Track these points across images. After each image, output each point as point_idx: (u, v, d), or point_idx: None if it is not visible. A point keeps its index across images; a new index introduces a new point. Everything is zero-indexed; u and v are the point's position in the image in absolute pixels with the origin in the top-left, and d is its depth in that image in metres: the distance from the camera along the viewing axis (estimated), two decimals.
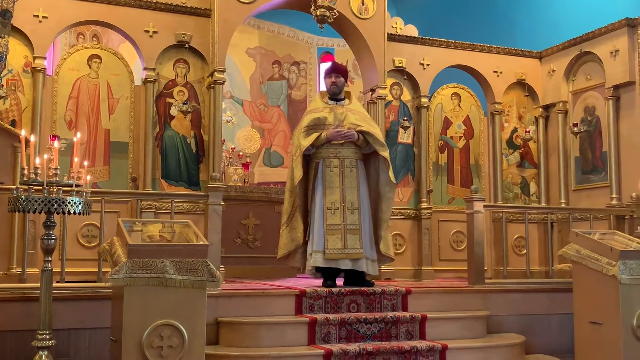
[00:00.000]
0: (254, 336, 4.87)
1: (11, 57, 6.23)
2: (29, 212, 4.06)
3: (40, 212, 4.09)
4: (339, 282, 5.82)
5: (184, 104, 6.71)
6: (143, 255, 3.97)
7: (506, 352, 5.32)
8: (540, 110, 8.18)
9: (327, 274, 5.73)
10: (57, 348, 4.39)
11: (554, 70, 8.01)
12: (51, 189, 4.11)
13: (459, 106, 8.03)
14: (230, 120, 10.50)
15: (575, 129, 7.58)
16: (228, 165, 9.07)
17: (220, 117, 6.82)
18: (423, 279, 7.26)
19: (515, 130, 8.16)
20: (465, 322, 5.49)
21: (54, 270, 4.32)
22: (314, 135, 5.76)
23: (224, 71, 6.81)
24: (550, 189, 8.09)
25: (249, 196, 7.66)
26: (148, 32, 6.74)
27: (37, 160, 4.10)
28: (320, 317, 5.05)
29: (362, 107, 6.41)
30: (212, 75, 6.78)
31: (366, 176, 5.92)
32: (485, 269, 6.26)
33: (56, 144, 4.24)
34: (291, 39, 12.11)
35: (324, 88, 6.19)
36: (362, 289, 5.43)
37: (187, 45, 6.84)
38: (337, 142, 5.80)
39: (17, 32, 6.27)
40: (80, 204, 4.12)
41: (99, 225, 5.43)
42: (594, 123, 7.54)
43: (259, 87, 11.91)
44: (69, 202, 4.07)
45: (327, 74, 6.07)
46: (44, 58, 6.39)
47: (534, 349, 5.87)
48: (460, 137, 7.98)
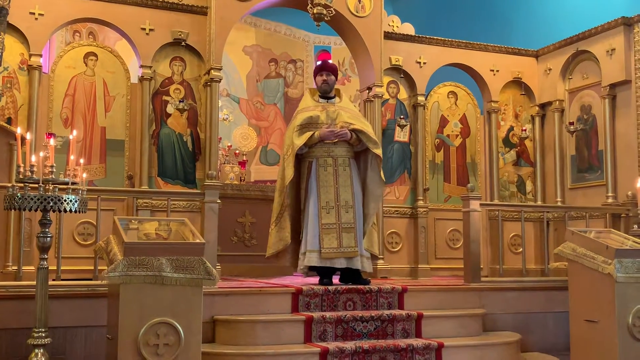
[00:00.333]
0: (250, 334, 4.87)
1: (7, 55, 6.22)
2: (24, 210, 4.05)
3: (36, 210, 4.08)
4: (335, 279, 5.82)
5: (180, 101, 6.71)
6: (139, 253, 3.96)
7: (502, 350, 5.33)
8: (537, 108, 8.19)
9: (324, 273, 5.73)
10: (52, 346, 4.39)
11: (550, 69, 8.02)
12: (47, 187, 4.11)
13: (456, 104, 8.04)
14: (227, 118, 10.49)
15: (572, 127, 7.59)
16: (224, 163, 9.07)
17: (216, 115, 6.82)
18: (419, 277, 7.27)
19: (511, 128, 8.17)
20: (461, 320, 5.50)
21: (49, 268, 4.31)
22: (307, 134, 5.75)
23: (220, 69, 6.80)
24: (546, 188, 8.10)
25: (245, 194, 7.66)
26: (144, 29, 6.73)
27: (33, 158, 4.09)
28: (316, 315, 5.05)
29: (353, 105, 6.41)
30: (208, 73, 6.77)
31: (358, 174, 5.93)
32: (481, 267, 6.27)
33: (52, 141, 4.24)
34: (288, 37, 12.09)
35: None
36: (359, 287, 5.44)
37: (183, 43, 6.83)
38: (330, 141, 5.79)
39: (13, 29, 6.25)
40: (76, 201, 4.11)
41: (95, 223, 5.42)
42: (590, 122, 7.56)
43: (256, 85, 11.89)
44: (65, 200, 4.06)
45: (317, 72, 6.06)
46: (40, 55, 6.37)
47: (530, 347, 5.89)
48: (457, 136, 7.99)
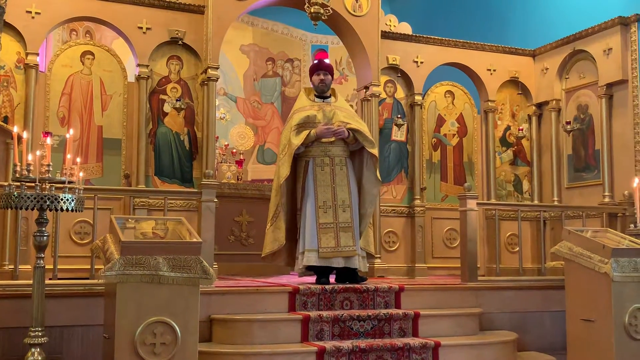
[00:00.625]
0: (247, 333, 4.87)
1: (3, 53, 6.20)
2: (21, 208, 4.05)
3: (32, 209, 4.08)
4: (330, 279, 5.82)
5: (177, 100, 6.70)
6: (136, 252, 3.96)
7: (499, 349, 5.33)
8: (534, 108, 8.20)
9: (321, 272, 5.73)
10: (49, 345, 4.38)
11: (547, 69, 8.02)
12: (44, 186, 4.10)
13: (453, 104, 8.04)
14: (224, 117, 10.48)
15: (568, 127, 7.60)
16: (221, 162, 9.06)
17: (213, 114, 6.81)
18: (416, 277, 7.27)
19: (508, 128, 8.18)
20: (458, 320, 5.51)
21: (46, 267, 4.31)
22: (304, 133, 5.74)
23: (217, 68, 6.79)
24: (543, 187, 8.11)
25: (242, 193, 7.66)
26: (141, 28, 6.72)
27: (30, 157, 4.09)
28: (313, 314, 5.05)
29: (348, 104, 6.42)
30: (205, 72, 6.77)
31: (354, 173, 5.93)
32: (478, 266, 6.27)
33: (49, 140, 4.23)
34: (285, 36, 12.08)
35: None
36: (356, 286, 5.44)
37: (180, 42, 6.82)
38: (327, 140, 5.79)
39: (10, 28, 6.24)
40: (72, 200, 4.11)
41: (92, 222, 5.41)
42: (587, 121, 7.56)
43: (253, 84, 11.88)
44: (62, 199, 4.06)
45: (314, 71, 6.05)
46: (37, 54, 6.36)
47: (527, 346, 5.89)
48: (454, 135, 7.99)
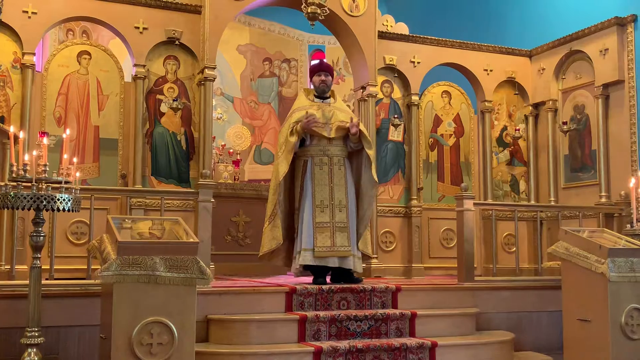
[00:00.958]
0: (244, 333, 4.87)
1: (0, 53, 6.20)
2: (17, 208, 4.04)
3: (29, 209, 4.07)
4: (327, 279, 5.83)
5: (174, 100, 6.69)
6: (132, 252, 3.96)
7: (495, 349, 5.34)
8: (530, 108, 8.21)
9: (318, 272, 5.73)
10: (46, 345, 4.38)
11: (543, 69, 8.03)
12: (40, 186, 4.10)
13: (449, 104, 8.04)
14: (221, 117, 10.46)
15: (565, 127, 7.61)
16: (218, 162, 9.06)
17: (210, 114, 6.80)
18: (413, 277, 7.28)
19: (505, 128, 8.19)
20: (455, 320, 5.51)
21: (42, 267, 4.30)
22: (295, 130, 5.74)
23: (214, 68, 6.79)
24: (539, 187, 8.12)
25: (239, 193, 7.66)
26: (138, 28, 6.71)
27: (26, 157, 4.08)
28: (310, 314, 5.05)
29: (346, 106, 6.44)
30: (202, 72, 6.76)
31: (352, 174, 5.94)
32: (475, 266, 6.28)
33: (45, 140, 4.22)
34: (282, 36, 12.08)
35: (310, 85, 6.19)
36: (352, 286, 5.44)
37: (177, 42, 6.81)
38: (325, 139, 5.81)
39: (6, 27, 6.23)
40: (69, 200, 4.10)
41: (89, 222, 5.40)
42: (584, 121, 7.58)
43: (250, 84, 11.87)
44: (58, 199, 4.05)
45: (315, 71, 6.07)
46: (33, 54, 6.35)
47: (523, 346, 5.90)
48: (451, 135, 8.00)
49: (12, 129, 4.38)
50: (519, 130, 8.04)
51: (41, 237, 4.25)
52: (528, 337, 5.97)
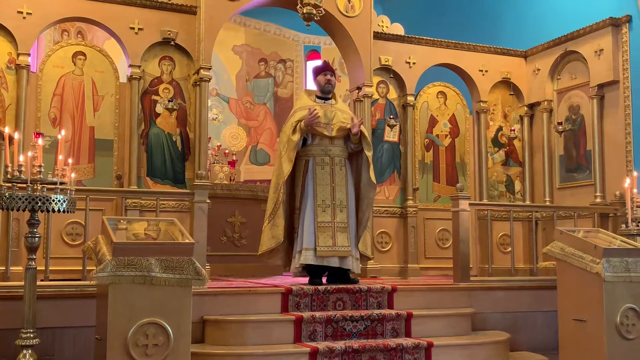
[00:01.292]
0: (240, 334, 4.87)
1: None
2: (12, 210, 4.03)
3: (24, 210, 4.06)
4: (323, 280, 5.83)
5: (169, 101, 6.68)
6: (128, 253, 3.95)
7: (491, 349, 5.35)
8: (525, 108, 8.22)
9: (314, 272, 5.73)
10: (41, 347, 4.36)
11: (538, 69, 8.05)
12: (35, 187, 4.09)
13: (445, 105, 8.06)
14: (216, 118, 10.47)
15: (560, 127, 7.62)
16: (214, 163, 9.05)
17: (206, 114, 6.80)
18: (409, 277, 7.28)
19: (500, 128, 8.20)
20: (451, 320, 5.52)
21: (38, 268, 4.29)
22: (297, 128, 5.76)
23: (209, 68, 6.79)
24: (534, 187, 8.14)
25: (235, 194, 7.65)
26: (133, 29, 6.70)
27: (21, 158, 4.07)
28: (306, 315, 5.05)
29: (347, 107, 6.46)
30: (197, 72, 6.76)
31: (351, 175, 5.96)
32: (471, 266, 6.29)
33: (40, 141, 4.22)
34: (277, 37, 12.09)
35: (311, 86, 6.20)
36: (348, 286, 5.44)
37: (172, 43, 6.81)
38: (326, 139, 5.82)
39: (1, 28, 6.22)
40: (64, 201, 4.09)
41: (84, 223, 5.40)
42: (579, 122, 7.59)
43: (245, 85, 11.88)
44: (53, 200, 4.04)
45: (320, 71, 6.09)
46: (28, 55, 6.33)
47: (519, 346, 5.91)
48: (446, 136, 8.01)
49: (7, 130, 4.37)
50: (514, 130, 8.06)
51: (36, 238, 4.24)
52: (523, 337, 5.98)
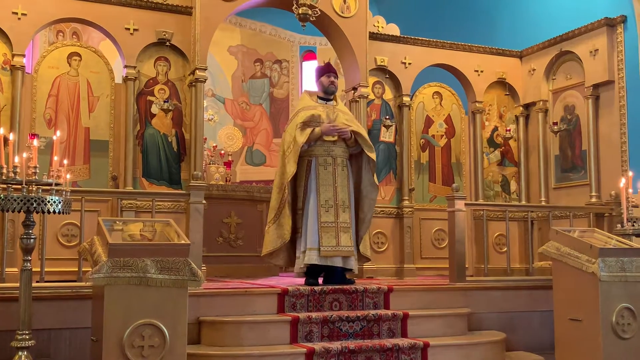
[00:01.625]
0: (236, 335, 4.86)
1: None
2: (7, 211, 4.02)
3: (19, 211, 4.05)
4: (320, 280, 5.83)
5: (165, 102, 6.67)
6: (124, 254, 3.94)
7: (487, 349, 5.36)
8: (521, 109, 8.23)
9: (313, 272, 5.74)
10: (36, 348, 4.35)
11: (534, 70, 8.06)
12: (30, 188, 4.08)
13: (441, 105, 8.06)
14: (212, 119, 10.46)
15: (555, 127, 7.63)
16: (210, 163, 9.04)
17: (201, 115, 6.79)
18: (405, 277, 7.28)
19: (495, 128, 8.21)
20: (447, 320, 5.53)
21: (33, 269, 4.28)
22: (309, 130, 5.79)
23: (205, 69, 6.77)
24: (530, 187, 8.14)
25: (231, 195, 7.64)
26: (128, 29, 6.69)
27: (16, 159, 4.06)
28: (302, 315, 5.05)
29: (348, 109, 6.48)
30: (193, 73, 6.75)
31: (352, 176, 5.99)
32: (467, 266, 6.30)
33: (35, 142, 4.21)
34: (273, 37, 12.08)
35: (310, 87, 6.21)
36: (345, 287, 5.45)
37: (168, 43, 6.79)
38: (330, 141, 5.85)
39: None
40: (59, 202, 4.08)
41: (79, 225, 5.38)
42: (574, 122, 7.61)
43: (241, 85, 11.87)
44: (49, 201, 4.03)
45: (324, 72, 6.12)
46: (23, 55, 6.31)
47: (515, 345, 5.92)
48: (442, 136, 8.01)
49: (2, 131, 4.35)
50: (509, 130, 8.07)
51: (31, 240, 4.23)
52: (520, 337, 5.99)
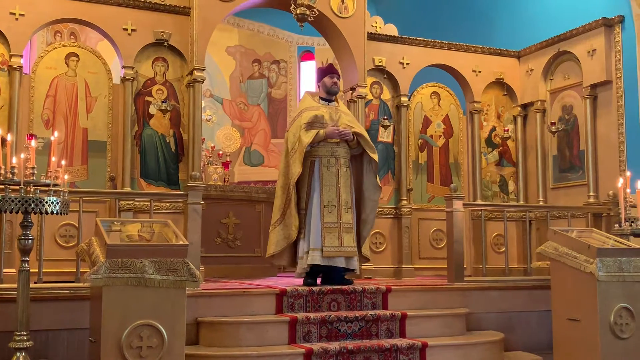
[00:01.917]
0: (235, 336, 4.86)
1: None
2: (5, 212, 4.01)
3: (17, 212, 4.05)
4: (318, 281, 5.83)
5: (163, 102, 6.67)
6: (122, 255, 3.94)
7: (485, 349, 5.36)
8: (519, 109, 8.24)
9: (312, 273, 5.74)
10: (34, 349, 4.35)
11: (532, 70, 8.07)
12: (28, 189, 4.07)
13: (439, 105, 8.07)
14: (210, 119, 10.46)
15: (553, 127, 7.64)
16: (208, 164, 9.05)
17: (199, 115, 6.79)
18: (403, 277, 7.29)
19: (493, 129, 8.21)
20: (445, 320, 5.53)
21: (31, 270, 4.28)
22: (313, 131, 5.79)
23: (203, 69, 6.77)
24: (528, 187, 8.15)
25: (229, 195, 7.64)
26: (126, 30, 6.68)
27: (14, 160, 4.06)
28: (300, 316, 5.05)
29: (348, 109, 6.50)
30: (191, 73, 6.75)
31: (353, 177, 6.00)
32: (465, 266, 6.30)
33: (33, 143, 4.20)
34: (271, 38, 12.09)
35: (308, 87, 6.22)
36: (343, 287, 5.44)
37: (166, 44, 6.79)
38: (333, 141, 5.85)
39: None
40: (57, 203, 4.08)
41: (77, 225, 5.38)
42: (572, 122, 7.61)
43: (239, 86, 11.87)
44: (47, 202, 4.03)
45: (327, 73, 6.13)
46: (21, 56, 6.31)
47: (513, 346, 5.92)
48: (440, 136, 8.02)
49: None
50: (507, 130, 8.07)
51: (29, 241, 4.23)
52: (518, 337, 5.99)
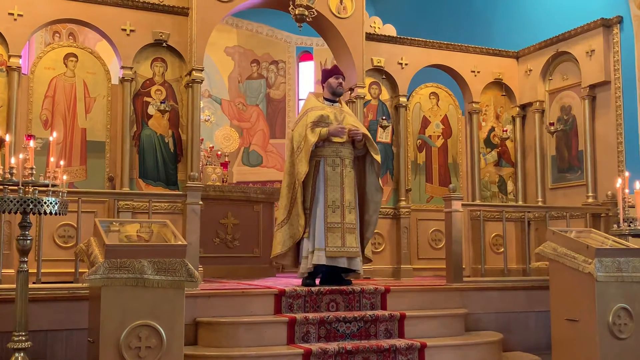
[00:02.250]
0: (233, 336, 4.86)
1: None
2: (4, 212, 4.01)
3: (15, 213, 4.04)
4: (317, 281, 5.82)
5: (161, 103, 6.67)
6: (120, 255, 3.94)
7: (484, 350, 5.36)
8: (517, 109, 8.25)
9: (311, 273, 5.74)
10: (33, 350, 4.34)
11: (530, 70, 8.08)
12: (27, 189, 4.07)
13: (437, 105, 8.07)
14: (209, 120, 10.45)
15: (552, 128, 7.65)
16: (206, 164, 9.03)
17: (198, 116, 6.79)
18: (402, 278, 7.29)
19: (492, 129, 8.22)
20: (444, 320, 5.53)
21: (29, 271, 4.27)
22: (317, 130, 5.79)
23: (202, 70, 6.77)
24: (527, 188, 8.16)
25: (227, 195, 7.64)
26: (125, 30, 6.68)
27: (13, 160, 4.06)
28: (299, 316, 5.05)
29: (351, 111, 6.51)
30: (190, 74, 6.74)
31: (357, 178, 6.01)
32: (463, 267, 6.30)
33: (32, 143, 4.20)
34: (270, 38, 12.09)
35: (307, 87, 6.22)
36: (342, 287, 5.44)
37: (164, 44, 6.79)
38: (338, 142, 5.85)
39: None
40: (56, 204, 4.08)
41: (76, 226, 5.38)
42: (570, 122, 7.62)
43: (238, 86, 11.87)
44: (45, 202, 4.03)
45: (332, 74, 6.12)
46: (20, 56, 6.30)
47: (512, 346, 5.92)
48: (439, 136, 8.02)
49: None
50: (506, 131, 8.08)
51: (28, 241, 4.23)
52: (516, 337, 5.99)
